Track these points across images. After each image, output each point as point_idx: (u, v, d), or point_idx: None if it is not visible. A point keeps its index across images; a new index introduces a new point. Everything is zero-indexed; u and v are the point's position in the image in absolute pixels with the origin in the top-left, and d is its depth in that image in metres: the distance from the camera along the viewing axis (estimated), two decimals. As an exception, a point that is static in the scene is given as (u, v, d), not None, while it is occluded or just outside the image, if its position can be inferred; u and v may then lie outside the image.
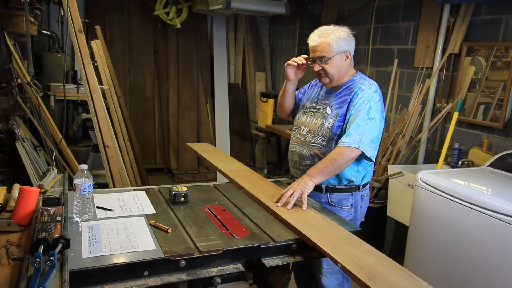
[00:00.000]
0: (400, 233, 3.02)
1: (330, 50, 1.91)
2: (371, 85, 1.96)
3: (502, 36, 2.88)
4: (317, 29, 1.98)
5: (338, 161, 1.83)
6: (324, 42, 1.91)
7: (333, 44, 1.91)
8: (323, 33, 1.93)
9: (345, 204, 2.01)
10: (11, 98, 2.69)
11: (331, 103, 2.00)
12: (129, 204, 1.77)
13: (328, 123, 1.96)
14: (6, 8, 2.90)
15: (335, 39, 1.91)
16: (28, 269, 1.11)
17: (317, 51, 1.94)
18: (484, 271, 2.10)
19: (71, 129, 4.18)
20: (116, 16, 5.14)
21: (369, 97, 1.90)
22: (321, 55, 1.93)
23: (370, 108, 1.87)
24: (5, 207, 1.55)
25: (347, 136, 1.84)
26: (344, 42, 1.93)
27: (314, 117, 2.05)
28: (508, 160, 2.57)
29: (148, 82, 5.37)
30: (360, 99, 1.90)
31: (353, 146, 1.82)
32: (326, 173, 1.85)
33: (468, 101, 3.12)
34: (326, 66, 1.94)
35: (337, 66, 1.95)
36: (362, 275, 1.25)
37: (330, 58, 1.92)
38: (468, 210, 2.17)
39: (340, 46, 1.92)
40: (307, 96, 2.20)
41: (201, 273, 1.36)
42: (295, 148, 2.11)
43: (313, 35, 1.96)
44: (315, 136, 2.00)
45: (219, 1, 4.31)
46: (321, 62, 1.94)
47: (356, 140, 1.82)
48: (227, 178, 2.21)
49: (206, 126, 5.61)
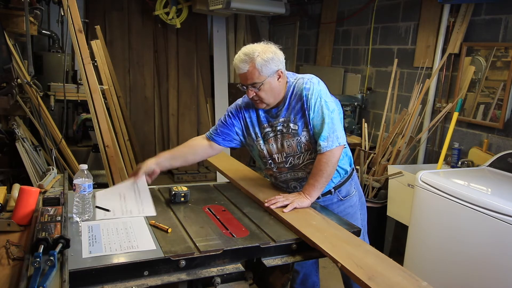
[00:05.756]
0: (400, 233, 3.02)
1: (260, 76, 1.76)
2: (311, 80, 1.84)
3: (502, 36, 2.88)
4: (240, 52, 1.80)
5: (326, 171, 1.78)
6: (251, 68, 1.75)
7: (262, 69, 1.76)
8: (248, 57, 1.76)
9: (351, 191, 2.02)
10: (11, 98, 2.69)
11: (289, 118, 1.86)
12: (130, 205, 1.75)
13: (305, 138, 1.85)
14: (6, 8, 2.90)
15: (263, 63, 1.75)
16: (28, 269, 1.11)
17: (247, 78, 1.78)
18: (484, 271, 2.10)
19: (71, 129, 4.19)
20: (116, 16, 5.14)
21: (318, 92, 1.80)
22: (251, 82, 1.78)
23: (326, 102, 1.80)
24: (5, 207, 1.56)
25: (323, 140, 1.78)
26: (273, 63, 1.78)
27: (282, 141, 1.89)
28: (508, 160, 2.57)
29: (148, 82, 5.37)
30: (312, 99, 1.80)
31: (333, 147, 1.77)
32: (320, 186, 1.81)
33: (468, 101, 3.12)
34: (259, 93, 1.80)
35: (271, 89, 1.81)
36: (362, 275, 1.25)
37: (262, 83, 1.77)
38: (468, 210, 2.16)
39: (269, 68, 1.77)
40: (247, 125, 1.98)
41: (201, 273, 1.36)
42: (286, 177, 1.97)
43: (238, 61, 1.78)
44: (300, 155, 1.89)
45: (219, 1, 4.31)
46: (253, 89, 1.80)
47: (334, 139, 1.78)
48: (227, 178, 2.21)
49: (206, 126, 5.61)
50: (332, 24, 4.60)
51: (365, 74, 4.13)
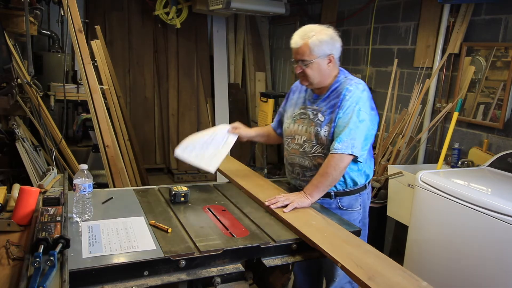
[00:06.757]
0: (400, 233, 3.02)
1: (310, 54, 1.81)
2: (358, 84, 1.87)
3: (502, 36, 2.88)
4: (300, 29, 1.86)
5: (331, 175, 1.79)
6: (305, 45, 1.81)
7: (314, 48, 1.80)
8: (305, 34, 1.82)
9: (355, 206, 1.97)
10: (11, 98, 2.69)
11: (321, 109, 1.91)
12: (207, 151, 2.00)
13: (324, 131, 1.87)
14: (6, 8, 2.91)
15: (317, 42, 1.80)
16: (28, 269, 1.11)
17: (298, 53, 1.84)
18: (484, 271, 2.10)
19: (71, 129, 4.18)
20: (116, 16, 5.14)
21: (358, 98, 1.82)
22: (301, 58, 1.84)
23: (359, 110, 1.81)
24: (5, 207, 1.55)
25: (339, 142, 1.78)
26: (326, 45, 1.82)
27: (306, 125, 1.95)
28: (508, 160, 2.57)
29: (148, 82, 5.37)
30: (348, 101, 1.82)
31: (345, 153, 1.77)
32: (322, 188, 1.82)
33: (468, 101, 3.12)
34: (306, 70, 1.85)
35: (318, 70, 1.85)
36: (362, 275, 1.25)
37: (311, 61, 1.82)
38: (468, 210, 2.16)
39: (321, 49, 1.82)
40: (291, 103, 2.09)
41: (201, 273, 1.36)
42: (294, 159, 2.01)
43: (295, 35, 1.85)
44: (313, 145, 1.91)
45: (219, 1, 4.31)
46: (302, 65, 1.85)
47: (349, 145, 1.77)
48: (227, 178, 2.21)
49: (206, 126, 5.60)
50: (332, 24, 4.58)
51: (365, 74, 4.13)
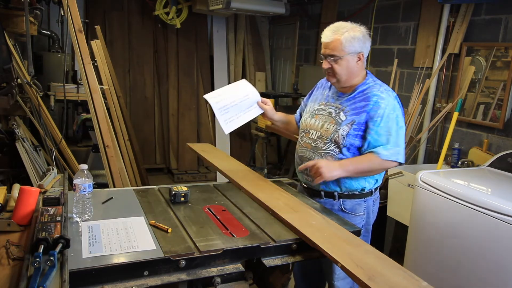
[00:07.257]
0: (400, 233, 3.02)
1: (341, 50, 1.81)
2: (388, 91, 1.89)
3: (502, 36, 2.88)
4: (332, 24, 1.87)
5: (373, 168, 1.85)
6: (336, 40, 1.81)
7: (346, 44, 1.80)
8: (337, 29, 1.82)
9: (358, 210, 1.96)
10: (11, 98, 2.69)
11: (345, 108, 1.89)
12: (231, 109, 2.00)
13: (343, 131, 1.86)
14: (6, 8, 2.91)
15: (349, 38, 1.80)
16: (28, 269, 1.11)
17: (328, 48, 1.84)
18: (484, 271, 2.10)
19: (71, 129, 4.19)
20: (116, 16, 5.14)
21: (393, 105, 1.85)
22: (331, 53, 1.83)
23: (397, 117, 1.84)
24: (5, 207, 1.55)
25: (386, 149, 1.80)
26: (358, 42, 1.82)
27: (325, 121, 1.94)
28: (508, 160, 2.57)
29: (148, 82, 5.37)
30: (386, 109, 1.82)
31: (391, 159, 1.81)
32: (352, 170, 1.83)
33: (468, 101, 3.12)
34: (335, 66, 1.84)
35: (347, 67, 1.85)
36: (362, 275, 1.25)
37: (340, 57, 1.82)
38: (468, 210, 2.17)
39: (353, 46, 1.82)
40: (313, 98, 2.10)
41: (201, 273, 1.36)
42: (304, 153, 2.01)
43: (327, 30, 1.85)
44: (327, 142, 1.90)
45: (219, 1, 4.31)
46: (331, 60, 1.85)
47: (395, 153, 1.82)
48: (227, 178, 2.21)
49: (206, 126, 5.61)
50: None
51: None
